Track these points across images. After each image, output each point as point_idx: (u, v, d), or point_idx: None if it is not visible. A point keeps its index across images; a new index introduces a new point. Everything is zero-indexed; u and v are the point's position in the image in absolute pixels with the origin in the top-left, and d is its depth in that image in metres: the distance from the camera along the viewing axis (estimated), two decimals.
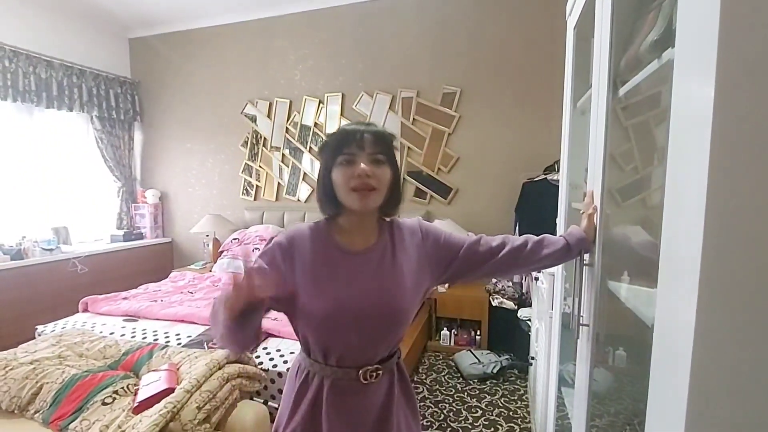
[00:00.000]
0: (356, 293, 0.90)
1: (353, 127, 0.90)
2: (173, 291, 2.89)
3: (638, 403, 1.07)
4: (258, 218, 3.93)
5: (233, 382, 1.63)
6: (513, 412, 2.35)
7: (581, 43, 1.53)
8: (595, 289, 1.04)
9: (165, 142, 4.36)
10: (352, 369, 0.93)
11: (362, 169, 0.85)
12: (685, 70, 0.56)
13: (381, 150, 0.89)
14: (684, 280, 0.52)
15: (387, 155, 0.90)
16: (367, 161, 0.87)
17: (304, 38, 3.75)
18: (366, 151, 0.87)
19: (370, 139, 0.88)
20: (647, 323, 0.81)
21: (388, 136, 0.92)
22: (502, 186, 3.26)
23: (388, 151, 0.91)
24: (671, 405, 0.54)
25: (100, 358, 1.84)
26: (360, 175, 0.85)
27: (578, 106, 1.52)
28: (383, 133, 0.91)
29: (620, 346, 1.21)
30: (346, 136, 0.89)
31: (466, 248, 1.01)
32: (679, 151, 0.57)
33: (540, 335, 2.03)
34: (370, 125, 0.91)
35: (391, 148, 0.93)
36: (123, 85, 4.15)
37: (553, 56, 3.09)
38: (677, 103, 0.57)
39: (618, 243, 1.07)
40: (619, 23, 0.99)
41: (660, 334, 0.62)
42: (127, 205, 4.26)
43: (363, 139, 0.87)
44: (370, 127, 0.90)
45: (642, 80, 0.84)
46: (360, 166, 0.86)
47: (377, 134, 0.89)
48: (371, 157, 0.87)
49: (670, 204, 0.59)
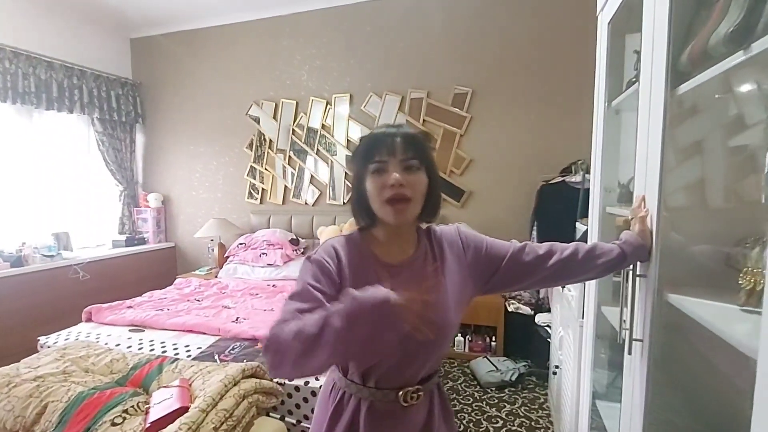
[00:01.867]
0: None
1: (383, 130, 0.84)
2: (179, 299, 2.80)
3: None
4: (265, 222, 3.84)
5: (250, 399, 1.55)
6: (535, 422, 2.27)
7: (615, 39, 1.46)
8: (651, 301, 0.96)
9: (167, 145, 4.27)
10: (391, 390, 0.86)
11: (395, 179, 0.79)
12: None
13: (414, 154, 0.82)
14: None
15: (421, 159, 0.83)
16: (400, 168, 0.81)
17: (311, 38, 3.67)
18: (398, 157, 0.81)
19: (402, 143, 0.82)
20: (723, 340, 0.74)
21: (421, 139, 0.85)
22: (517, 188, 3.18)
23: (423, 155, 0.84)
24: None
25: (107, 373, 1.75)
26: (393, 185, 0.79)
27: (613, 105, 1.44)
28: (416, 136, 0.85)
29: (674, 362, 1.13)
30: (375, 141, 0.83)
31: (510, 258, 0.93)
32: None
33: (566, 343, 1.96)
34: (401, 127, 0.85)
35: (426, 150, 0.86)
36: (124, 86, 4.06)
37: (568, 54, 3.02)
38: None
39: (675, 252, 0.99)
40: (677, 15, 0.91)
41: None
42: (129, 209, 4.17)
43: (394, 144, 0.81)
44: (401, 130, 0.84)
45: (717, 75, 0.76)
46: (392, 175, 0.79)
47: (409, 137, 0.83)
48: (404, 163, 0.81)
49: None
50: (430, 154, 0.87)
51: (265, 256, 3.44)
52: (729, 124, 1.06)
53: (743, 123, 1.08)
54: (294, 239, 3.61)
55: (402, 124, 0.87)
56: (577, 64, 2.97)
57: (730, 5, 0.80)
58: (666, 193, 0.97)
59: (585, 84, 2.93)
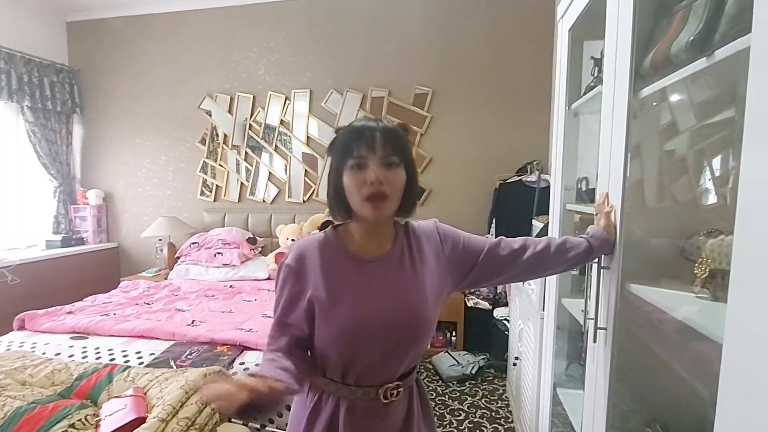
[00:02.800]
0: (375, 304, 0.83)
1: (362, 123, 0.83)
2: (127, 303, 2.61)
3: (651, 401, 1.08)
4: (219, 221, 3.67)
5: (213, 405, 1.46)
6: (495, 413, 2.35)
7: (574, 46, 1.54)
8: (615, 292, 1.02)
9: (109, 137, 3.96)
10: (371, 388, 0.86)
11: (374, 177, 0.78)
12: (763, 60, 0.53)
13: (394, 150, 0.81)
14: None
15: (400, 155, 0.82)
16: (379, 165, 0.79)
17: (269, 31, 3.56)
18: (377, 153, 0.80)
19: (382, 139, 0.80)
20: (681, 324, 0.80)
21: (401, 134, 0.84)
22: (476, 187, 3.27)
23: (402, 151, 0.83)
24: None
25: (48, 385, 1.59)
26: (372, 182, 0.78)
27: (572, 108, 1.52)
28: (396, 131, 0.84)
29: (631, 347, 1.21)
30: (355, 135, 0.81)
31: (486, 252, 0.95)
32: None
33: (525, 335, 2.04)
34: (381, 122, 0.83)
35: (405, 146, 0.85)
36: (60, 72, 3.72)
37: (525, 58, 3.16)
38: (755, 94, 0.54)
39: (636, 245, 1.06)
40: (639, 23, 0.97)
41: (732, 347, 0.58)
42: (65, 206, 3.83)
43: (374, 139, 0.80)
44: (381, 124, 0.82)
45: (679, 79, 0.82)
46: (370, 174, 0.78)
47: (389, 132, 0.82)
48: (383, 159, 0.80)
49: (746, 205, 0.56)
50: (409, 149, 0.86)
51: (220, 255, 3.29)
52: (664, 130, 1.17)
53: (675, 129, 1.19)
54: (251, 238, 3.49)
55: (381, 118, 0.85)
56: (534, 68, 3.11)
57: (689, 16, 0.87)
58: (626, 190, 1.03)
59: (541, 87, 3.10)
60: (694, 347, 0.94)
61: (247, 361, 1.87)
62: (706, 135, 1.17)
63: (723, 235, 0.88)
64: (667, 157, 1.27)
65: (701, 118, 1.15)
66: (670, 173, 1.25)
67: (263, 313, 2.41)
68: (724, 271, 0.81)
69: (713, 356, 0.64)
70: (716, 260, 0.85)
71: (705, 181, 1.17)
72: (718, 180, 1.08)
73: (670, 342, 1.07)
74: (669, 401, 1.11)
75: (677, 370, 1.07)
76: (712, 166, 1.14)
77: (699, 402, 0.94)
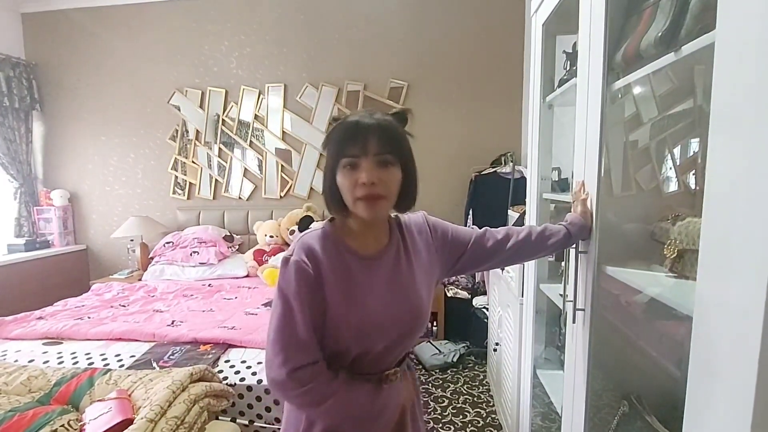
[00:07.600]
0: (383, 303, 0.85)
1: (356, 119, 0.79)
2: (101, 306, 2.52)
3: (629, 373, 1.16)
4: (194, 219, 3.59)
5: (201, 403, 1.46)
6: (477, 398, 2.42)
7: (547, 40, 1.59)
8: (592, 275, 1.08)
9: (72, 135, 3.79)
10: (373, 375, 0.88)
11: (367, 179, 0.76)
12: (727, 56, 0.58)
13: (389, 148, 0.78)
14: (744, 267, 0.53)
15: (396, 153, 0.80)
16: (373, 165, 0.77)
17: (240, 24, 3.48)
18: (371, 153, 0.77)
19: (376, 138, 0.77)
20: None
21: (396, 130, 0.81)
22: (451, 179, 3.33)
23: (398, 148, 0.80)
24: None
25: (25, 392, 1.54)
26: (365, 183, 0.77)
27: (547, 100, 1.57)
28: (391, 128, 0.80)
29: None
30: (348, 133, 0.78)
31: (473, 242, 1.00)
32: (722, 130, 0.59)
33: (505, 322, 2.11)
34: (376, 117, 0.80)
35: (402, 142, 0.82)
36: (16, 67, 3.52)
37: (499, 52, 3.22)
38: (720, 88, 0.59)
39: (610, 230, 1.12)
40: (611, 19, 1.03)
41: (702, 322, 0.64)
42: (27, 208, 3.65)
43: (367, 139, 0.77)
44: (375, 121, 0.79)
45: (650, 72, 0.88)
46: (363, 175, 0.76)
47: (384, 130, 0.78)
48: (377, 158, 0.77)
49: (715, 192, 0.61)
50: (405, 145, 0.83)
51: (196, 254, 3.22)
52: (629, 121, 1.25)
53: (640, 120, 1.27)
54: (228, 236, 3.43)
55: (377, 112, 0.82)
56: (507, 61, 3.18)
57: (657, 13, 0.93)
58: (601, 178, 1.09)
59: (514, 80, 3.18)
60: (663, 324, 1.01)
61: (232, 358, 1.86)
62: (668, 125, 1.25)
63: (689, 218, 0.95)
64: (632, 147, 1.35)
65: (663, 110, 1.22)
66: (635, 163, 1.33)
67: (245, 310, 2.39)
68: (691, 251, 0.88)
69: (681, 331, 0.70)
70: (684, 241, 0.92)
71: (667, 170, 1.26)
72: (680, 168, 1.17)
73: (641, 319, 1.14)
74: (642, 374, 1.19)
75: (648, 344, 1.15)
76: (674, 155, 1.22)
77: (669, 374, 1.02)
